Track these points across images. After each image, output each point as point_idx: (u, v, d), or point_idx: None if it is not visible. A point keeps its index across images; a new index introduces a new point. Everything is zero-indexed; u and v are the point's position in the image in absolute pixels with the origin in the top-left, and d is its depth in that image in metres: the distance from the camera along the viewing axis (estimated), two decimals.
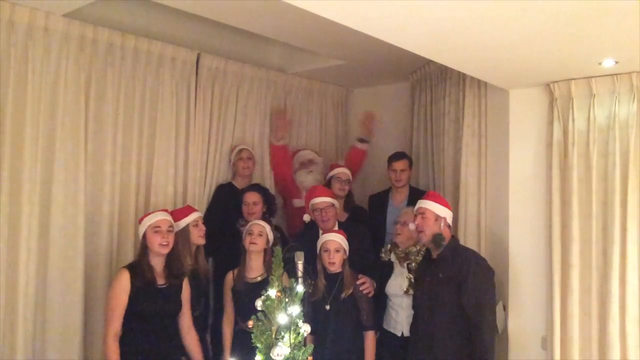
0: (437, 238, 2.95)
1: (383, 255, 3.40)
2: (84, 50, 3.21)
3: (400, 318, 3.25)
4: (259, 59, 4.40)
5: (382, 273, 3.36)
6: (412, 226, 3.10)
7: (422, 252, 3.19)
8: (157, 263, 2.91)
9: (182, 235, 3.18)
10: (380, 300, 3.32)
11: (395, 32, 2.46)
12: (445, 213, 3.01)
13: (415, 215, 3.03)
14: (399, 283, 3.24)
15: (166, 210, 3.07)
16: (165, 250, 2.90)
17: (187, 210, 3.32)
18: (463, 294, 2.83)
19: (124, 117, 3.43)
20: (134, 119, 3.48)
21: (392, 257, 3.34)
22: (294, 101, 4.65)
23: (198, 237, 3.27)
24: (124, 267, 2.88)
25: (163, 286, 2.89)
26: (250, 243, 3.22)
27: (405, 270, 3.24)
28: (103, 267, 3.31)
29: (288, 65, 4.62)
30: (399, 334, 3.24)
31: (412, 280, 3.17)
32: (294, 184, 4.27)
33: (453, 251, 2.97)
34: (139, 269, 2.84)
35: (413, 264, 3.21)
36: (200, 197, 3.87)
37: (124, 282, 2.78)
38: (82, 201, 3.19)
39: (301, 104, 4.72)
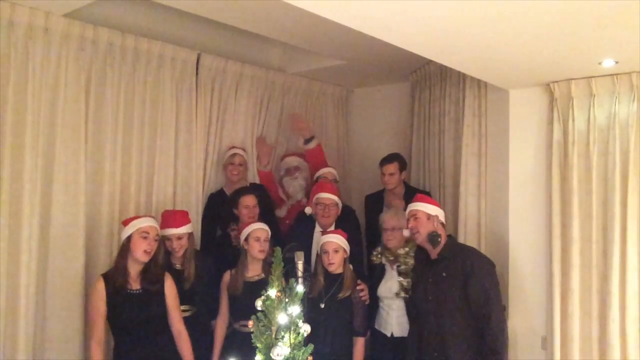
0: (432, 236, 2.97)
1: (374, 258, 3.42)
2: (84, 50, 3.21)
3: (390, 319, 3.27)
4: (258, 59, 4.40)
5: (372, 276, 3.40)
6: (406, 232, 3.12)
7: (410, 254, 3.22)
8: (134, 267, 2.89)
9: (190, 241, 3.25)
10: (371, 304, 3.33)
11: (395, 32, 2.46)
12: (437, 211, 3.04)
13: (408, 219, 3.07)
14: (389, 286, 3.27)
15: (153, 217, 3.08)
16: (147, 259, 2.88)
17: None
18: (470, 290, 2.86)
19: (124, 117, 3.43)
20: (134, 119, 3.48)
21: (384, 260, 3.37)
22: (294, 101, 4.65)
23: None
24: (101, 274, 2.88)
25: (136, 291, 2.87)
26: (260, 251, 3.20)
27: (395, 273, 3.27)
28: (103, 267, 3.28)
29: (288, 65, 4.62)
30: (389, 335, 3.27)
31: (405, 284, 3.19)
32: (277, 197, 4.24)
33: (453, 249, 3.00)
34: (112, 274, 2.84)
35: (402, 266, 3.23)
36: (200, 198, 3.86)
37: (99, 290, 2.80)
38: (83, 201, 3.19)
39: (301, 104, 4.72)
